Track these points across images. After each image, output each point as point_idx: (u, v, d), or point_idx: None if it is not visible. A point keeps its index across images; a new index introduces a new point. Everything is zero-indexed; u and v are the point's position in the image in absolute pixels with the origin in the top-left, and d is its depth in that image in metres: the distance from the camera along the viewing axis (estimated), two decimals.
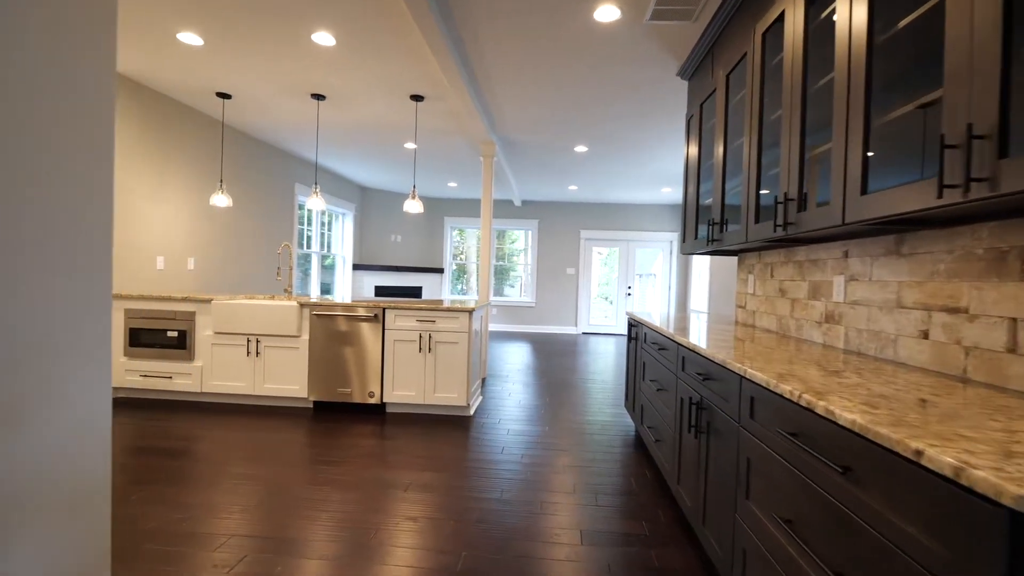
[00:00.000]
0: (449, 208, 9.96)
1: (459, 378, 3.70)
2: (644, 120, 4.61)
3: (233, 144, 5.42)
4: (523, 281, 10.07)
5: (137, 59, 3.69)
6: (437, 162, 6.65)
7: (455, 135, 5.31)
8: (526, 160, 6.34)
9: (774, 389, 1.26)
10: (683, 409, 2.15)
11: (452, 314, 3.69)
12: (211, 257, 5.19)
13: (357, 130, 5.28)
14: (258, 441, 3.10)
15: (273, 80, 3.97)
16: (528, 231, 9.94)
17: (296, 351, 3.85)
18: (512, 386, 4.85)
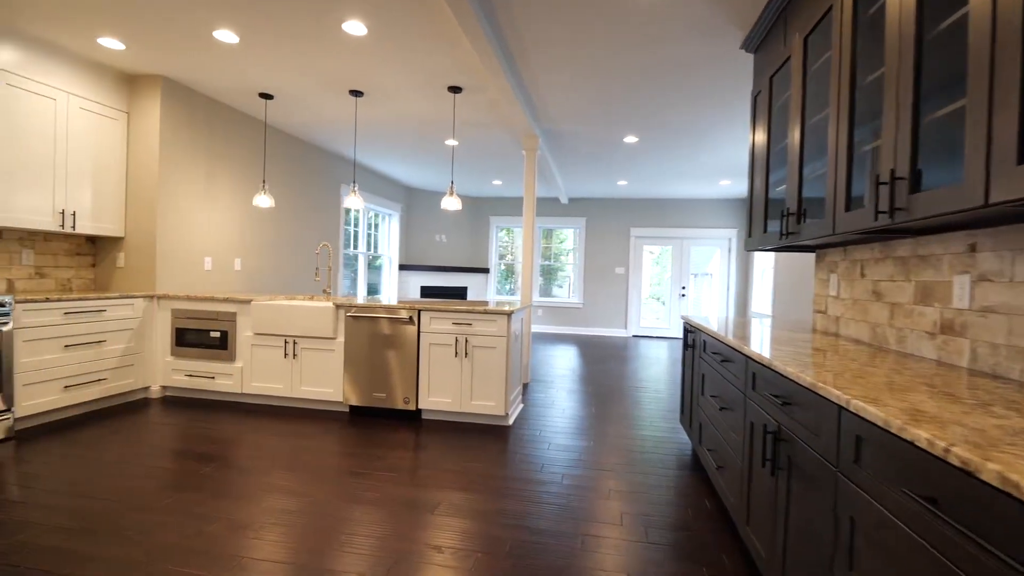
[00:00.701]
0: (494, 207, 9.78)
1: (497, 385, 3.46)
2: (701, 104, 4.19)
3: (278, 146, 5.45)
4: (571, 281, 9.73)
5: (180, 62, 3.71)
6: (479, 159, 6.46)
7: (496, 128, 5.09)
8: (572, 154, 6.03)
9: (900, 434, 0.92)
10: (754, 436, 1.80)
11: (490, 317, 3.46)
12: (258, 258, 5.24)
13: (397, 127, 5.17)
14: (290, 449, 2.99)
15: (310, 76, 3.89)
16: (575, 229, 9.59)
17: (332, 353, 3.75)
18: (556, 393, 4.56)
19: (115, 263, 4.13)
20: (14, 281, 3.62)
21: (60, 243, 3.92)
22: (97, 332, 3.60)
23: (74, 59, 3.65)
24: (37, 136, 3.45)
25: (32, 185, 3.43)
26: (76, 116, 3.69)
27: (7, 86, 3.27)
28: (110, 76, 3.93)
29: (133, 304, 3.87)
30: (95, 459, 2.73)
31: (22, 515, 2.12)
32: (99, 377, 3.63)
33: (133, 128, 4.09)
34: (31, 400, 3.21)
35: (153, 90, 4.05)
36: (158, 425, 3.35)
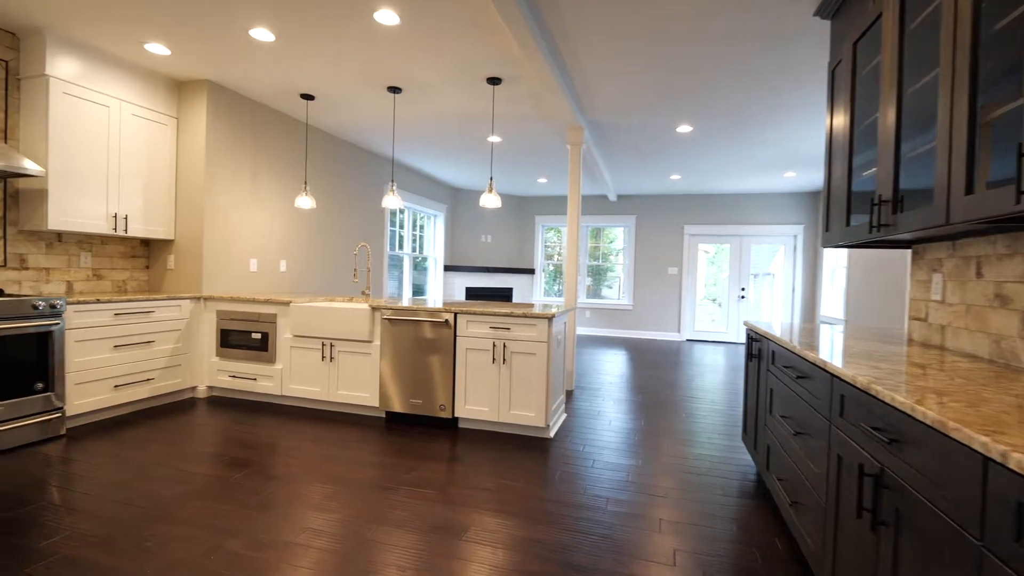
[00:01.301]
0: (540, 206, 9.54)
1: (536, 394, 3.23)
2: (765, 85, 3.78)
3: (322, 147, 5.47)
4: (620, 282, 9.33)
5: (222, 65, 3.73)
6: (523, 156, 6.24)
7: (539, 122, 4.85)
8: (620, 147, 5.69)
9: None
10: (844, 474, 1.47)
11: (529, 321, 3.22)
12: (303, 259, 5.27)
13: (438, 125, 5.04)
14: (322, 457, 2.89)
15: (347, 72, 3.81)
16: (625, 228, 9.18)
17: (368, 357, 3.65)
18: (603, 403, 4.26)
19: (166, 265, 4.24)
20: (73, 283, 3.76)
21: (116, 246, 4.05)
22: (146, 333, 3.68)
23: (125, 67, 3.75)
24: (92, 143, 3.56)
25: (88, 190, 3.54)
26: (128, 122, 3.80)
27: (64, 95, 3.38)
28: (160, 83, 4.02)
29: (180, 305, 3.94)
30: (134, 461, 2.74)
31: (54, 520, 2.10)
32: (147, 377, 3.71)
33: (182, 133, 4.18)
34: (82, 399, 3.30)
35: (200, 95, 4.11)
36: (199, 427, 3.36)
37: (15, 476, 2.51)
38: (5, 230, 3.37)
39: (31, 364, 2.97)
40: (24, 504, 2.22)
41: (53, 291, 3.63)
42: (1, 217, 3.35)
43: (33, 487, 2.40)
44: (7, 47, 3.34)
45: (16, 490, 2.36)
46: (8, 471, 2.57)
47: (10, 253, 3.40)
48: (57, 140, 3.36)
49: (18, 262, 3.44)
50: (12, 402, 2.88)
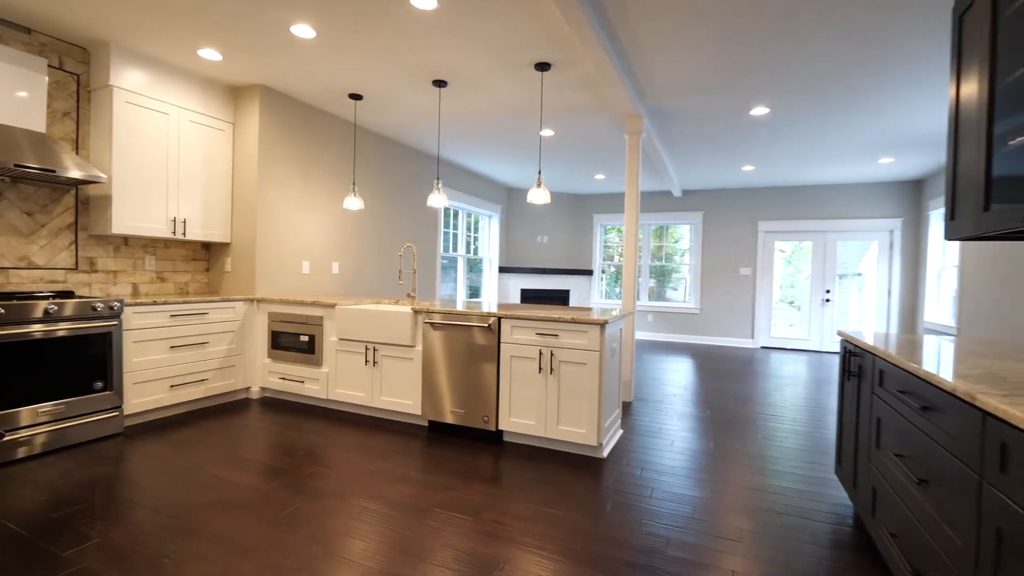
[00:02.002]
0: (598, 204, 9.13)
1: (587, 409, 2.91)
2: (858, 53, 3.22)
3: (372, 148, 5.45)
4: (687, 284, 8.71)
5: (270, 67, 3.72)
6: (578, 151, 5.91)
7: (593, 112, 4.51)
8: (684, 136, 5.21)
9: None
10: (1007, 557, 1.05)
11: (579, 327, 2.91)
12: (355, 261, 5.26)
13: (486, 119, 4.84)
14: (360, 469, 2.74)
15: (391, 65, 3.69)
16: (691, 225, 8.56)
17: (411, 363, 3.49)
18: (665, 418, 3.85)
19: (224, 268, 4.33)
20: (138, 285, 3.91)
21: (178, 249, 4.18)
22: (200, 334, 3.74)
23: (183, 75, 3.85)
24: (152, 149, 3.67)
25: (149, 195, 3.65)
26: (187, 129, 3.90)
27: (126, 104, 3.50)
28: (217, 89, 4.11)
29: (234, 307, 3.99)
30: (177, 464, 2.72)
31: (87, 526, 2.07)
32: (202, 377, 3.77)
33: (238, 137, 4.25)
34: (140, 398, 3.38)
35: (253, 99, 4.16)
36: (246, 429, 3.34)
37: (72, 473, 2.56)
38: (77, 235, 3.53)
39: (91, 364, 3.07)
40: (68, 505, 2.23)
41: (120, 293, 3.78)
42: (73, 223, 3.51)
43: (81, 487, 2.42)
44: (79, 61, 3.50)
45: (66, 490, 2.39)
46: (65, 469, 2.63)
47: (81, 257, 3.56)
48: (120, 147, 3.48)
49: (88, 265, 3.60)
50: (73, 400, 2.98)
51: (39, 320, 2.83)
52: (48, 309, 2.86)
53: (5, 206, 3.18)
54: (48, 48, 3.35)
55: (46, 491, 2.38)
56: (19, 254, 3.25)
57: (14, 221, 3.22)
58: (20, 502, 2.26)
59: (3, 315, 2.68)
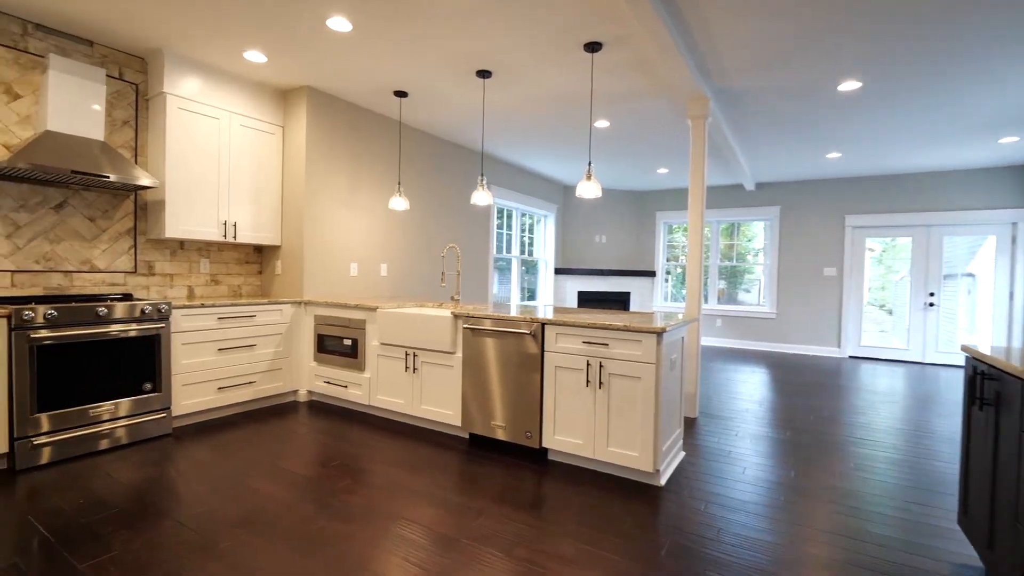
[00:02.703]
0: (660, 200, 8.58)
1: (641, 429, 2.55)
2: (976, 15, 2.62)
3: (420, 147, 5.34)
4: (761, 285, 7.96)
5: (312, 65, 3.67)
6: (636, 142, 5.48)
7: (652, 97, 4.10)
8: (758, 120, 4.66)
9: None
10: None
11: (631, 336, 2.56)
12: (403, 263, 5.17)
13: (534, 111, 4.56)
14: (392, 485, 2.56)
15: (431, 54, 3.51)
16: (766, 222, 7.81)
17: (451, 370, 3.28)
18: (735, 439, 3.39)
19: (275, 270, 4.36)
20: (193, 287, 4.00)
21: (231, 252, 4.26)
22: (248, 336, 3.76)
23: (233, 80, 3.89)
24: (204, 154, 3.73)
25: (201, 199, 3.71)
26: (237, 133, 3.94)
27: (179, 110, 3.57)
28: (267, 93, 4.14)
29: (281, 310, 3.98)
30: (214, 470, 2.67)
31: (112, 535, 2.02)
32: (250, 380, 3.78)
33: (287, 140, 4.27)
34: (189, 399, 3.42)
35: (300, 101, 4.16)
36: (288, 435, 3.28)
37: (115, 474, 2.57)
38: (136, 239, 3.65)
39: (140, 365, 3.12)
40: (100, 510, 2.21)
41: (176, 295, 3.88)
42: (132, 228, 3.63)
43: (117, 491, 2.40)
44: (136, 71, 3.62)
45: (103, 493, 2.38)
46: (109, 470, 2.66)
47: (140, 260, 3.68)
48: (173, 153, 3.55)
49: (147, 268, 3.72)
50: (122, 401, 3.03)
51: (90, 323, 2.90)
52: (99, 312, 2.92)
53: (69, 212, 3.32)
54: (108, 59, 3.48)
55: (85, 493, 2.38)
56: (82, 258, 3.39)
57: (78, 227, 3.36)
58: (59, 503, 2.27)
59: (56, 317, 2.75)
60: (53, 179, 3.03)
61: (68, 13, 3.01)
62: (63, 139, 3.06)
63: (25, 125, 3.13)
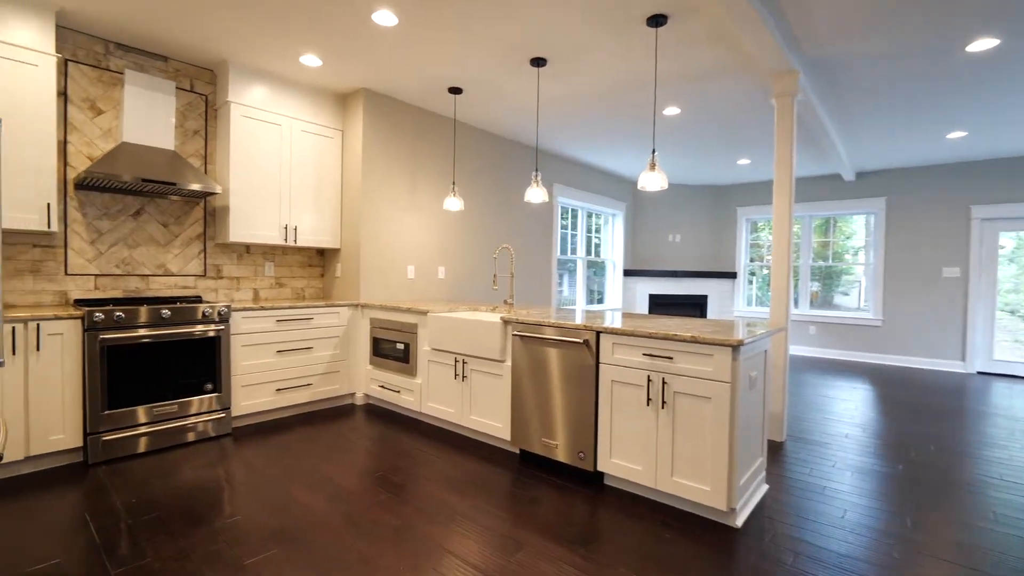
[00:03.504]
0: (742, 195, 7.84)
1: (713, 458, 2.17)
2: None
3: (476, 145, 5.19)
4: (862, 287, 7.01)
5: (365, 64, 3.62)
6: (712, 129, 4.96)
7: (728, 76, 3.64)
8: (858, 95, 4.00)
9: None
10: None
11: (701, 348, 2.19)
12: (461, 265, 5.05)
13: (596, 101, 4.24)
14: (435, 504, 2.39)
15: (481, 43, 3.32)
16: (869, 215, 6.85)
17: (500, 380, 3.07)
18: (832, 471, 2.86)
19: (335, 273, 4.40)
20: (259, 290, 4.12)
21: (294, 256, 4.35)
22: (305, 339, 3.79)
23: (293, 86, 3.95)
24: (266, 159, 3.82)
25: (263, 204, 3.80)
26: (298, 138, 4.00)
27: (242, 118, 3.68)
28: (326, 98, 4.18)
29: (338, 313, 3.99)
30: (263, 475, 2.65)
31: (149, 541, 2.01)
32: (307, 382, 3.81)
33: (346, 143, 4.29)
34: (248, 400, 3.49)
35: (357, 104, 4.15)
36: (339, 440, 3.24)
37: (171, 474, 2.63)
38: (205, 244, 3.81)
39: (201, 366, 3.21)
40: (147, 511, 2.23)
41: (242, 298, 4.01)
42: (202, 233, 3.79)
43: (168, 492, 2.44)
44: (206, 83, 3.78)
45: (155, 493, 2.42)
46: (167, 468, 2.72)
47: (209, 264, 3.83)
48: (237, 159, 3.65)
49: (215, 272, 3.87)
50: (184, 400, 3.13)
51: (155, 324, 3.01)
52: (163, 314, 3.03)
53: (145, 219, 3.50)
54: (181, 73, 3.65)
55: (139, 492, 2.43)
56: (157, 262, 3.57)
57: (153, 232, 3.55)
58: (114, 502, 2.32)
59: (123, 319, 2.88)
60: (129, 188, 3.19)
61: (143, 31, 3.16)
62: (136, 149, 3.22)
63: (107, 138, 3.34)
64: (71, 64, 3.18)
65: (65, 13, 2.96)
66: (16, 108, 2.76)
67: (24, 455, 2.63)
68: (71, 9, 2.92)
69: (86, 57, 3.23)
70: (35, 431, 2.66)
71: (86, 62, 3.23)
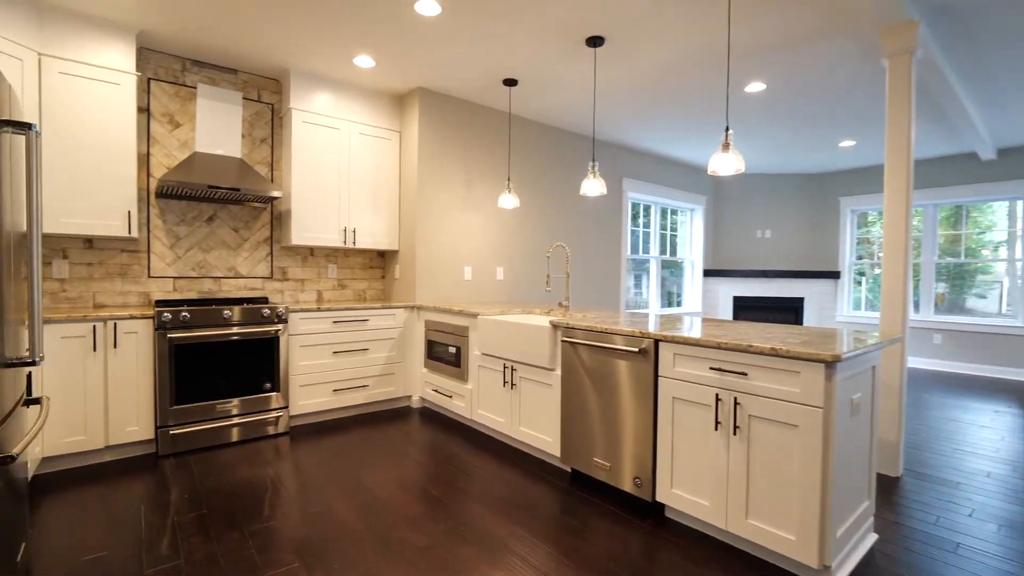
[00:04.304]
0: (846, 183, 6.87)
1: (800, 501, 1.75)
2: None
3: (537, 139, 4.95)
4: (1003, 289, 5.82)
5: (417, 63, 3.54)
6: (806, 106, 4.32)
7: (823, 37, 3.09)
8: (1001, 47, 3.24)
9: None
10: None
11: (785, 363, 1.78)
12: (521, 265, 4.85)
13: (662, 81, 3.83)
14: (470, 523, 2.21)
15: (530, 26, 3.09)
16: (1015, 202, 5.68)
17: (549, 389, 2.81)
18: (966, 521, 2.27)
19: (394, 275, 4.40)
20: (322, 292, 4.21)
21: (356, 258, 4.40)
22: (361, 340, 3.78)
23: (349, 88, 3.98)
24: (327, 163, 3.87)
25: (325, 207, 3.86)
26: (356, 141, 4.03)
27: (303, 123, 3.75)
28: (384, 100, 4.18)
29: (394, 314, 3.95)
30: (308, 478, 2.63)
31: (188, 541, 2.01)
32: (363, 383, 3.80)
33: (404, 144, 4.26)
34: (306, 400, 3.53)
35: (413, 104, 4.10)
36: (388, 445, 3.16)
37: (223, 471, 2.69)
38: (272, 247, 3.94)
39: (261, 365, 3.28)
40: (192, 509, 2.26)
41: (307, 299, 4.11)
42: (269, 236, 3.93)
43: (215, 490, 2.47)
44: (272, 92, 3.91)
45: (204, 489, 2.47)
46: (222, 465, 2.79)
47: (275, 267, 3.96)
48: (298, 164, 3.74)
49: (281, 274, 3.99)
50: (245, 399, 3.22)
51: (217, 324, 3.12)
52: (224, 315, 3.13)
53: (218, 224, 3.68)
54: (249, 84, 3.80)
55: (192, 487, 2.49)
56: (228, 265, 3.74)
57: (225, 237, 3.72)
58: (169, 496, 2.39)
59: (189, 319, 3.00)
60: (200, 195, 3.36)
61: (214, 46, 3.31)
62: (205, 158, 3.38)
63: (184, 149, 3.54)
64: (153, 82, 3.41)
65: (145, 34, 3.17)
66: (100, 123, 2.98)
67: (104, 444, 2.81)
68: (149, 30, 3.11)
69: (166, 75, 3.45)
70: (113, 422, 2.84)
71: (166, 79, 3.45)
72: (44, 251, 3.08)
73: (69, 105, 2.88)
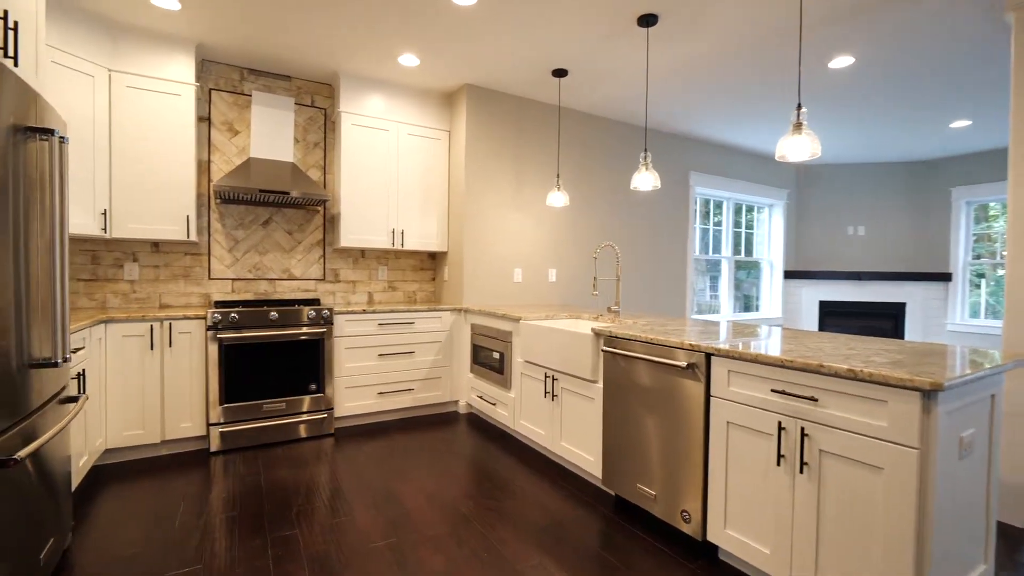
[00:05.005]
0: (958, 171, 5.93)
1: (886, 558, 1.39)
2: None
3: (592, 134, 4.68)
4: None
5: (462, 58, 3.43)
6: (906, 80, 3.71)
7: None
8: None
9: None
10: None
11: (869, 390, 1.44)
12: (574, 267, 4.61)
13: (725, 60, 3.44)
14: (493, 551, 2.04)
15: (573, 7, 2.87)
16: None
17: (591, 403, 2.57)
18: None
19: (443, 277, 4.33)
20: (373, 293, 4.23)
21: (406, 260, 4.38)
22: (407, 343, 3.74)
23: (397, 89, 3.95)
24: (375, 165, 3.87)
25: (374, 209, 3.87)
26: (405, 142, 4.00)
27: (352, 126, 3.78)
28: (432, 100, 4.12)
29: (441, 317, 3.88)
30: (341, 484, 2.60)
31: (210, 547, 2.01)
32: (409, 387, 3.76)
33: (452, 144, 4.18)
34: (351, 402, 3.54)
35: (461, 102, 4.01)
36: (427, 452, 3.08)
37: (267, 470, 2.72)
38: (324, 250, 4.01)
39: (307, 367, 3.32)
40: (224, 510, 2.28)
41: (358, 301, 4.15)
42: (321, 239, 4.00)
43: (250, 491, 2.49)
44: (325, 97, 3.98)
45: (240, 491, 2.50)
46: (263, 464, 2.83)
47: (328, 268, 4.03)
48: (348, 167, 3.76)
49: (333, 276, 4.05)
50: (290, 399, 3.27)
51: (265, 326, 3.18)
52: (271, 316, 3.20)
53: (273, 227, 3.80)
54: (303, 90, 3.89)
55: (231, 486, 2.53)
56: (282, 267, 3.85)
57: (279, 240, 3.83)
58: (209, 494, 2.44)
59: (238, 320, 3.09)
60: (254, 199, 3.47)
61: (269, 55, 3.41)
62: (260, 163, 3.48)
63: (242, 155, 3.68)
64: (214, 92, 3.57)
65: (204, 47, 3.31)
66: (162, 133, 3.14)
67: (160, 439, 2.96)
68: (207, 42, 3.25)
69: (226, 84, 3.60)
70: (169, 418, 2.98)
71: (225, 89, 3.60)
72: (117, 255, 3.30)
73: (135, 116, 3.06)
